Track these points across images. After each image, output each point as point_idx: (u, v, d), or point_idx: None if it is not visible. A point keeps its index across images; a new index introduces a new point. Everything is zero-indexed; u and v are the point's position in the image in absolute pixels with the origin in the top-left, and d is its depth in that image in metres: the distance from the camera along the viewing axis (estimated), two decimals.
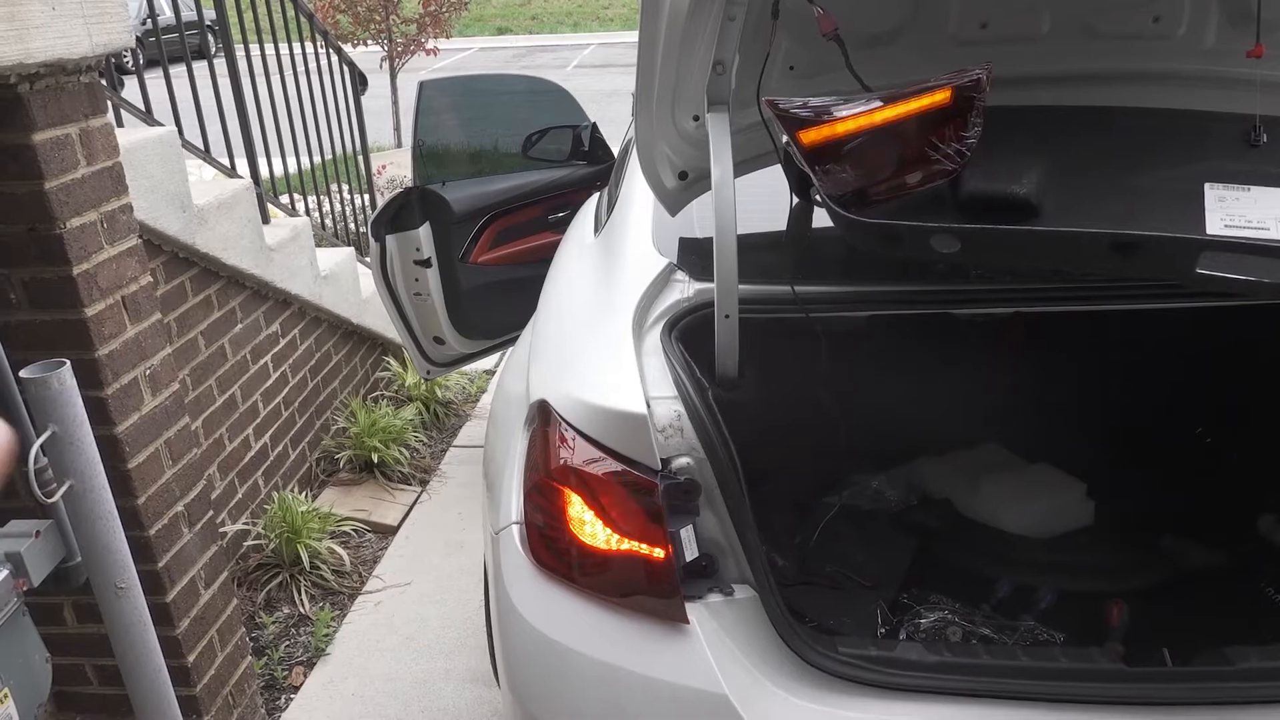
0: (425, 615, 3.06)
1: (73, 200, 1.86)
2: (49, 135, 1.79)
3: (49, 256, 1.84)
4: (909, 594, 1.90)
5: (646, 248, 1.91)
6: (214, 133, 3.43)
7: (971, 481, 2.23)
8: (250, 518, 3.30)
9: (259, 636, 2.95)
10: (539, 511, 1.54)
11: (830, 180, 1.41)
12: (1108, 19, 1.71)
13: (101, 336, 1.95)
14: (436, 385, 4.37)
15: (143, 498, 2.10)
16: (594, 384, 1.54)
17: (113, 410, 2.00)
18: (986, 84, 1.37)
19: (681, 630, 1.42)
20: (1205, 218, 1.30)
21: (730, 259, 1.57)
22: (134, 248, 2.05)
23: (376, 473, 3.82)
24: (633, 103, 1.70)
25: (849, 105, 1.38)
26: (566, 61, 19.19)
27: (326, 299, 3.81)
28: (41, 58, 1.69)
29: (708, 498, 1.48)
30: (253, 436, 3.34)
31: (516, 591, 1.56)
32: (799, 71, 1.79)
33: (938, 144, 1.37)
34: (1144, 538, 2.03)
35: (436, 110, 3.46)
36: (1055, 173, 1.45)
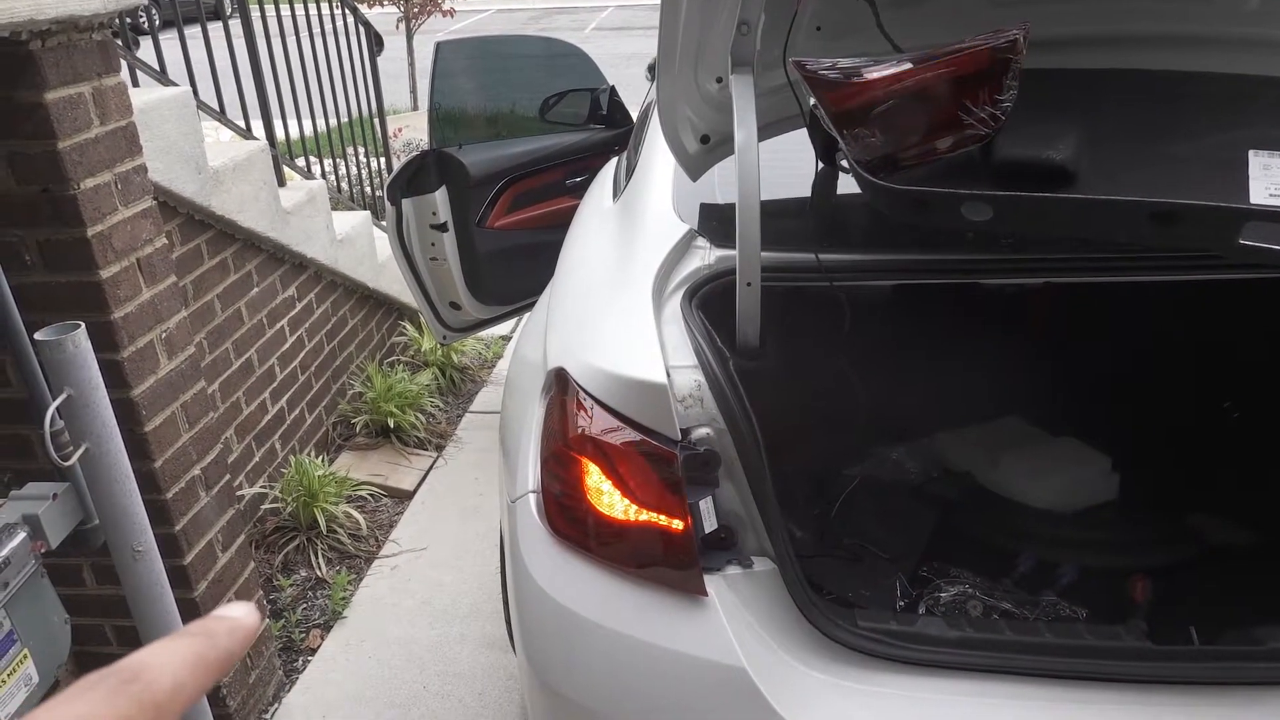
0: (441, 580, 3.07)
1: (86, 160, 1.84)
2: (62, 94, 1.77)
3: (63, 218, 1.83)
4: (929, 567, 1.87)
5: (666, 213, 1.87)
6: (230, 94, 3.40)
7: (994, 454, 2.20)
8: (267, 481, 3.31)
9: (276, 599, 2.97)
10: (556, 481, 1.52)
11: (859, 145, 1.37)
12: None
13: (117, 299, 1.94)
14: (453, 350, 4.36)
15: (160, 461, 2.10)
16: (613, 352, 1.51)
17: (129, 373, 1.99)
18: (1023, 45, 1.32)
19: (699, 602, 1.41)
20: (1249, 186, 1.25)
21: (753, 225, 1.53)
22: (149, 209, 2.03)
23: (393, 437, 3.82)
24: (655, 64, 1.65)
25: (880, 67, 1.33)
26: (584, 24, 18.95)
27: (342, 263, 3.79)
28: (53, 14, 1.66)
29: (727, 469, 1.46)
30: (269, 400, 3.34)
31: (533, 560, 1.55)
32: (826, 32, 1.73)
33: (971, 108, 1.32)
34: (1169, 513, 1.99)
35: (453, 72, 3.41)
36: (1092, 139, 1.40)
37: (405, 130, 7.85)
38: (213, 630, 0.44)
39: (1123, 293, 1.99)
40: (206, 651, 0.43)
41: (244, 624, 0.46)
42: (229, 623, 0.45)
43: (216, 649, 0.44)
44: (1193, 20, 1.67)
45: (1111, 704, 1.37)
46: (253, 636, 0.46)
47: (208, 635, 0.44)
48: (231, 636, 0.45)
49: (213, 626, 0.45)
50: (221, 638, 0.44)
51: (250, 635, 0.46)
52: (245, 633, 0.46)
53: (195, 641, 0.43)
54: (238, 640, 0.45)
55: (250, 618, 0.46)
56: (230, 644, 0.44)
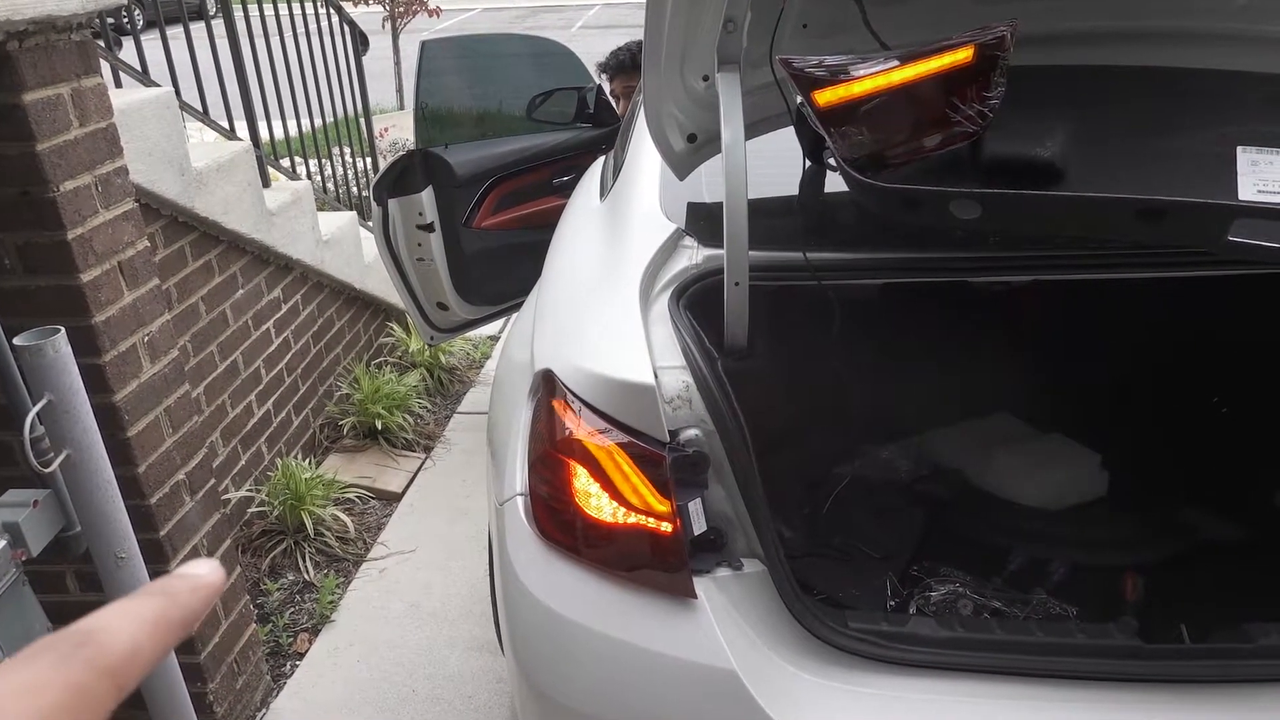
0: (430, 582, 3.05)
1: (66, 162, 1.81)
2: (40, 95, 1.74)
3: (43, 221, 1.80)
4: (919, 566, 1.87)
5: (653, 213, 1.86)
6: (214, 95, 3.37)
7: (984, 452, 2.20)
8: (254, 485, 3.28)
9: (263, 604, 2.94)
10: (544, 484, 1.51)
11: (846, 143, 1.36)
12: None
13: (98, 302, 1.92)
14: (440, 351, 4.34)
15: (143, 466, 2.08)
16: (600, 353, 1.50)
17: (111, 378, 1.97)
18: (1011, 41, 1.32)
19: (689, 605, 1.39)
20: (1237, 183, 1.25)
21: (741, 224, 1.52)
22: (130, 211, 2.01)
23: (380, 439, 3.79)
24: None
25: (866, 65, 1.32)
26: (571, 22, 18.92)
27: (328, 264, 3.77)
28: (30, 14, 1.64)
29: (716, 470, 1.45)
30: (255, 403, 3.32)
31: (521, 564, 1.53)
32: (812, 30, 1.72)
33: (959, 105, 1.32)
34: (1160, 510, 1.99)
35: (439, 71, 3.39)
36: (1080, 136, 1.40)
37: (391, 130, 7.81)
38: (173, 589, 0.41)
39: (1112, 289, 1.99)
40: (166, 610, 0.39)
41: (207, 580, 0.42)
42: (191, 580, 0.42)
43: (177, 607, 0.40)
44: (1180, 15, 1.67)
45: (1103, 703, 1.37)
46: (216, 594, 0.43)
47: (168, 594, 0.40)
48: (194, 595, 0.41)
49: (173, 585, 0.41)
50: (183, 595, 0.41)
51: (214, 592, 0.42)
52: (208, 590, 0.42)
53: (154, 601, 0.39)
54: (200, 598, 0.41)
55: (214, 575, 0.43)
56: (192, 602, 0.41)
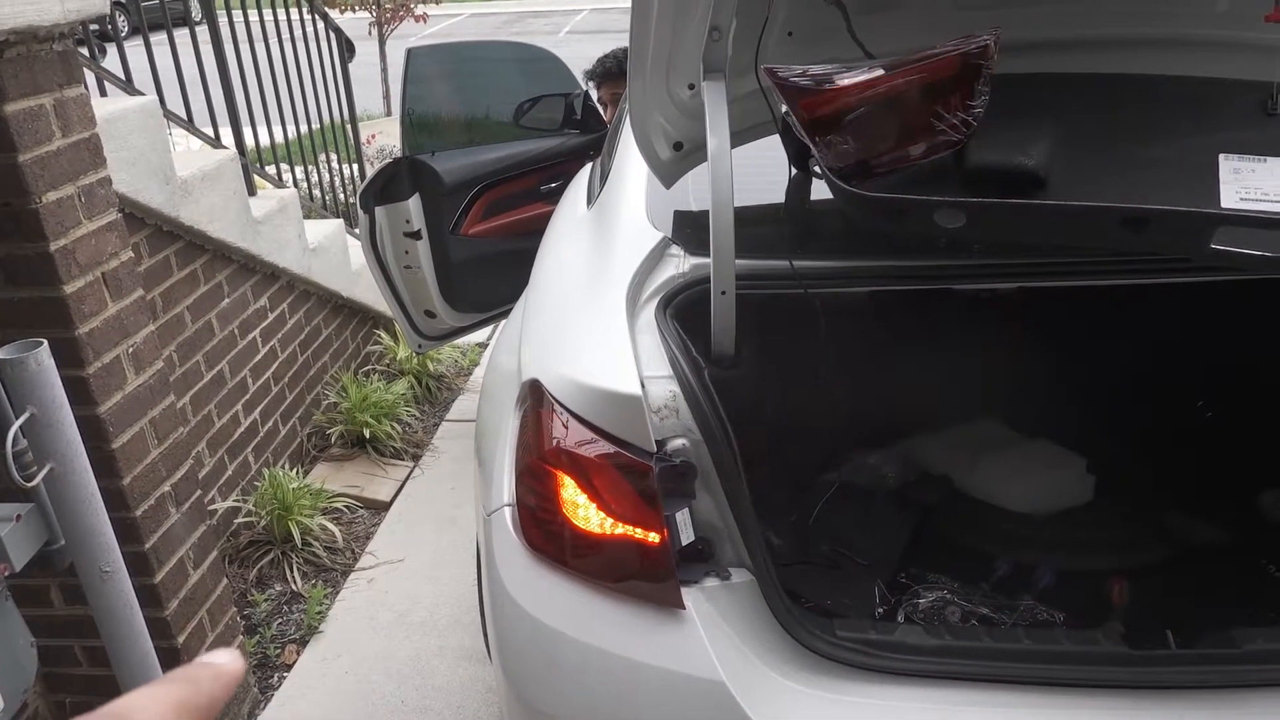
0: (419, 592, 3.04)
1: (48, 173, 1.80)
2: (22, 106, 1.73)
3: (25, 232, 1.79)
4: (907, 573, 1.87)
5: (640, 221, 1.86)
6: (199, 103, 3.35)
7: (971, 458, 2.20)
8: (240, 495, 3.26)
9: (251, 615, 2.92)
10: (531, 494, 1.50)
11: (831, 152, 1.36)
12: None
13: (81, 314, 1.90)
14: (428, 359, 4.32)
15: (128, 479, 2.06)
16: (587, 363, 1.50)
17: (94, 390, 1.95)
18: (994, 50, 1.32)
19: (677, 616, 1.39)
20: (1219, 190, 1.25)
21: (727, 233, 1.52)
22: (114, 222, 2.00)
23: (368, 448, 3.78)
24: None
25: (851, 74, 1.32)
26: (559, 27, 18.93)
27: (316, 272, 3.75)
28: (11, 24, 1.63)
29: (704, 480, 1.44)
30: (242, 412, 3.30)
31: (509, 575, 1.53)
32: (798, 37, 1.73)
33: (943, 114, 1.32)
34: (1145, 514, 2.00)
35: (425, 78, 3.38)
36: (1064, 143, 1.40)
37: (379, 136, 7.80)
38: (197, 676, 0.44)
39: (1098, 295, 2.00)
40: (190, 697, 0.43)
41: (228, 670, 0.46)
42: (213, 669, 0.45)
43: (200, 694, 0.43)
44: (1161, 23, 1.68)
45: (1091, 709, 1.37)
46: (236, 682, 0.46)
47: (191, 681, 0.44)
48: (216, 682, 0.45)
49: (197, 672, 0.45)
50: (205, 683, 0.44)
51: (234, 681, 0.46)
52: (229, 678, 0.45)
53: (178, 688, 0.43)
54: (222, 685, 0.45)
55: (235, 664, 0.46)
56: (214, 689, 0.44)
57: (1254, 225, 1.19)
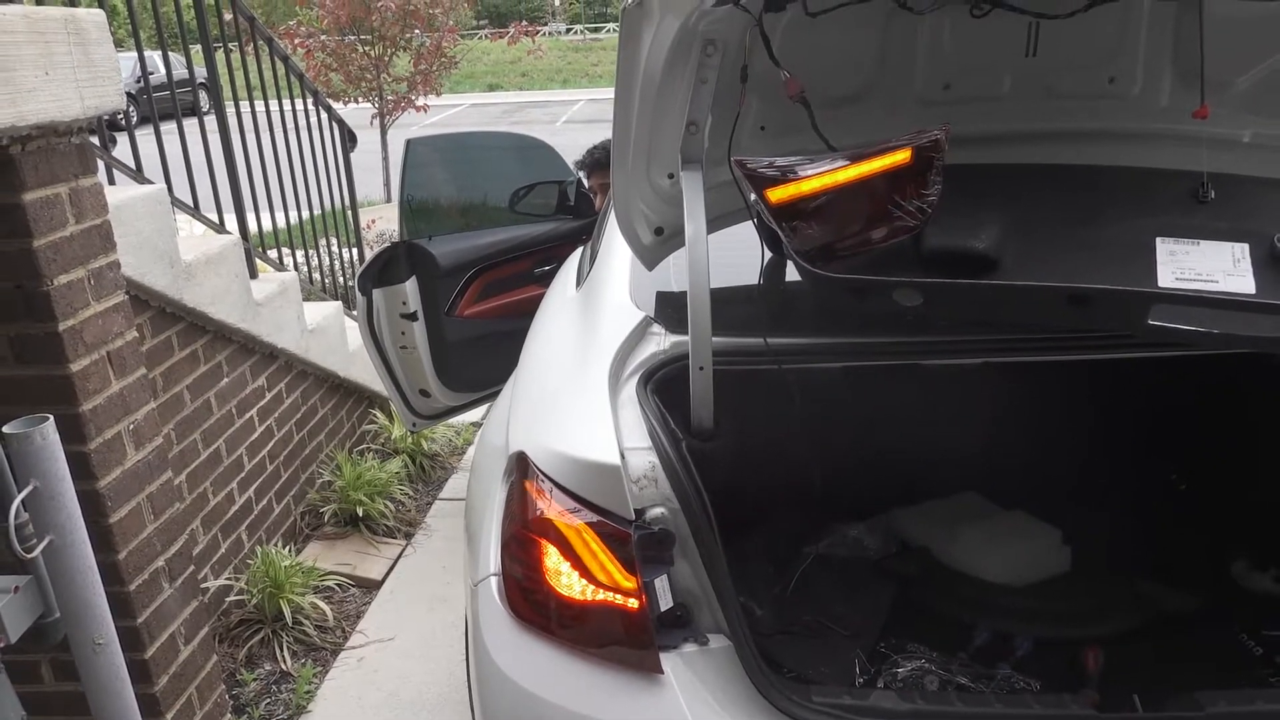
0: (408, 671, 3.03)
1: (61, 258, 1.89)
2: (39, 195, 1.83)
3: (35, 313, 1.87)
4: (887, 643, 1.90)
5: (624, 301, 1.95)
6: (205, 189, 3.49)
7: (950, 529, 2.25)
8: (233, 573, 3.28)
9: (239, 694, 2.92)
10: (516, 563, 1.55)
11: (797, 236, 1.46)
12: (1066, 79, 1.78)
13: (86, 392, 1.97)
14: (422, 438, 4.38)
15: (123, 553, 2.10)
16: (570, 436, 1.56)
17: (95, 465, 2.01)
18: (945, 143, 1.43)
19: (656, 681, 1.43)
20: (1157, 270, 1.34)
21: (704, 312, 1.61)
22: (120, 304, 2.08)
23: (362, 526, 3.80)
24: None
25: (814, 165, 1.43)
26: (556, 117, 19.49)
27: (313, 352, 3.83)
28: (34, 120, 1.74)
29: (682, 547, 1.50)
30: (237, 490, 3.34)
31: (494, 643, 1.56)
32: (770, 131, 1.84)
33: (900, 201, 1.42)
34: (1120, 583, 2.04)
35: (423, 166, 3.53)
36: (1014, 228, 1.50)
37: (379, 222, 7.99)
38: None
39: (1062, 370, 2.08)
40: None
41: None
42: None
43: None
44: (1108, 117, 1.80)
45: None
46: None
47: None
48: None
49: None
50: None
51: None
52: None
53: None
54: None
55: None
56: None
57: (1188, 303, 1.27)
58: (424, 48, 9.01)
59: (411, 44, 8.88)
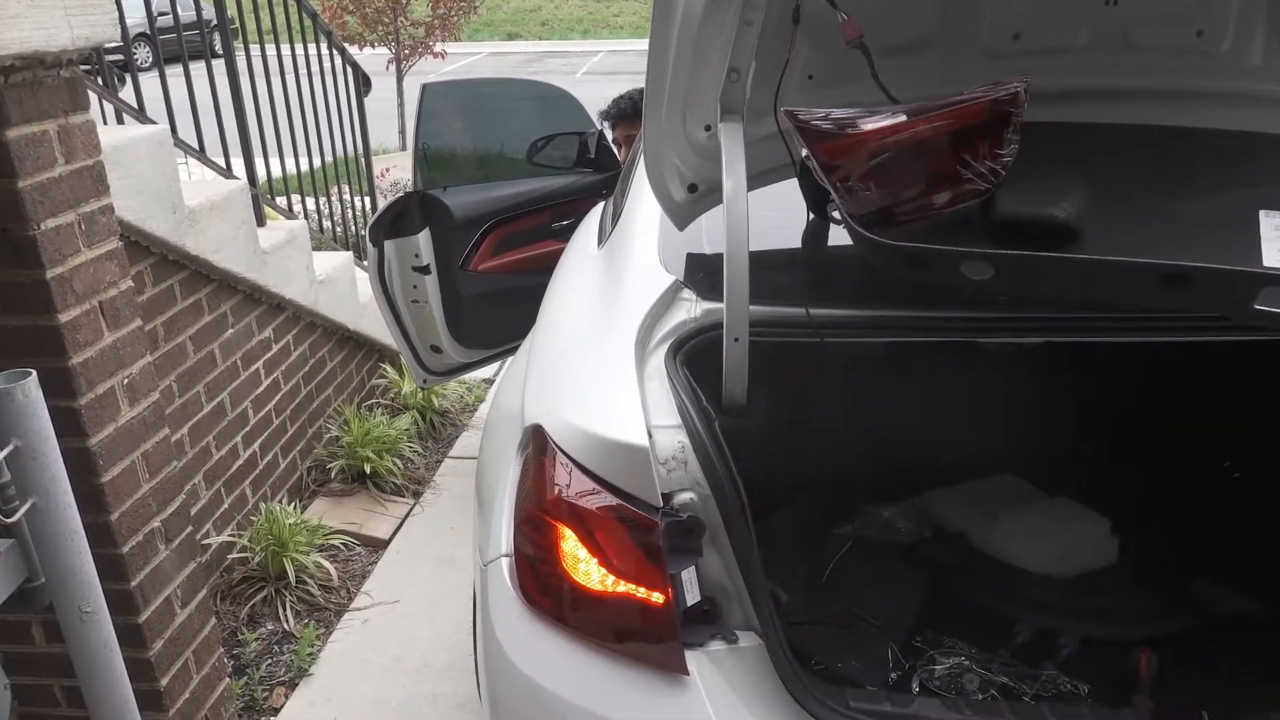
0: (414, 634, 2.95)
1: (49, 200, 1.76)
2: (24, 132, 1.69)
3: (21, 259, 1.75)
4: (922, 637, 1.79)
5: (652, 263, 1.81)
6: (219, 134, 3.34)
7: (989, 515, 2.12)
8: (236, 529, 3.19)
9: (240, 654, 2.84)
10: (530, 545, 1.44)
11: (853, 198, 1.31)
12: (1149, 32, 1.61)
13: (76, 344, 1.85)
14: (433, 394, 4.27)
15: (116, 514, 2.00)
16: (592, 410, 1.43)
17: (86, 421, 1.90)
18: (1025, 98, 1.27)
19: (680, 681, 1.32)
20: (1261, 248, 1.20)
21: (742, 278, 1.47)
22: (114, 250, 1.95)
23: (369, 483, 3.71)
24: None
25: (875, 119, 1.28)
26: (576, 68, 19.14)
27: (322, 304, 3.71)
28: (16, 49, 1.59)
29: (712, 536, 1.38)
30: (241, 445, 3.24)
31: (504, 630, 1.45)
32: (818, 81, 1.69)
33: (970, 161, 1.27)
34: (1171, 580, 1.92)
35: (439, 114, 3.37)
36: (1096, 195, 1.35)
37: (393, 170, 7.83)
38: None
39: (1123, 352, 1.93)
40: None
41: None
42: None
43: None
44: (1194, 74, 1.63)
45: None
46: None
47: None
48: None
49: None
50: None
51: None
52: None
53: None
54: None
55: None
56: None
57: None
58: None
59: None
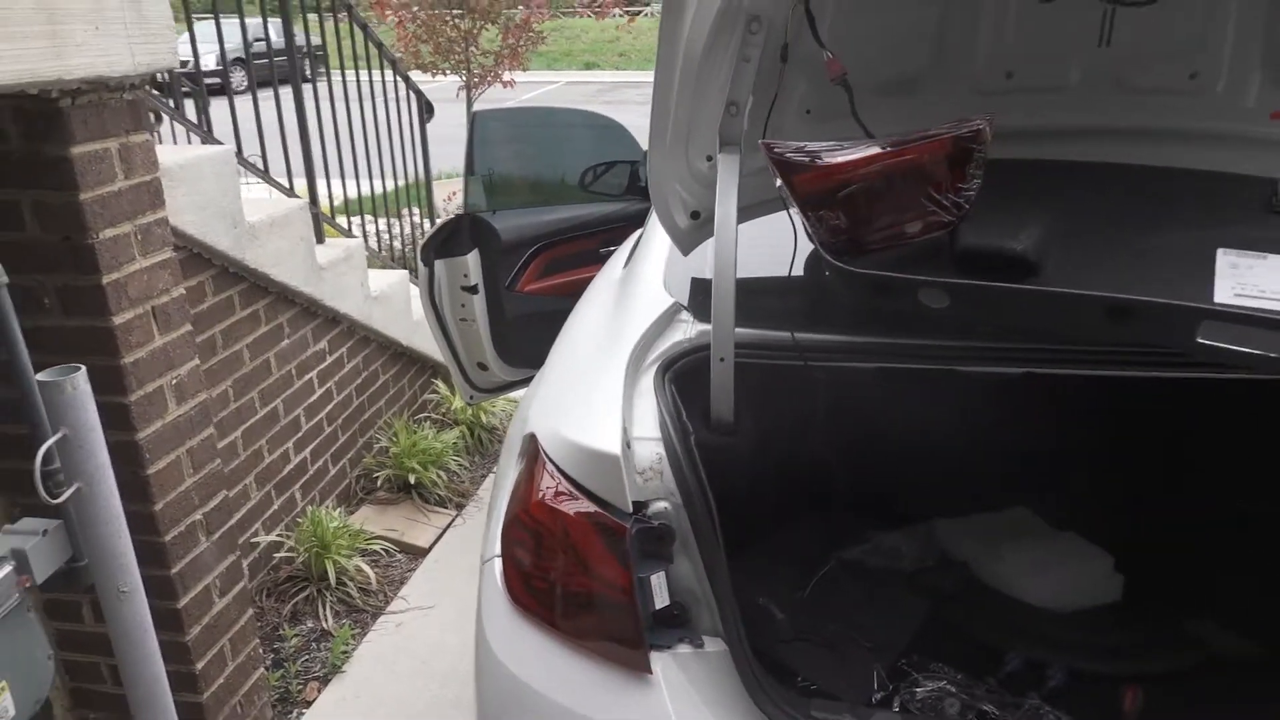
0: (445, 641, 3.06)
1: (108, 212, 1.93)
2: (88, 149, 1.87)
3: (80, 265, 1.92)
4: (909, 660, 1.81)
5: (657, 287, 1.89)
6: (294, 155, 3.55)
7: (994, 546, 2.13)
8: (284, 530, 3.36)
9: (280, 649, 2.99)
10: (516, 545, 1.52)
11: (824, 227, 1.37)
12: (1142, 72, 1.64)
13: (128, 344, 2.02)
14: (482, 410, 4.40)
15: (160, 504, 2.15)
16: (578, 421, 1.52)
17: (135, 417, 2.06)
18: (988, 134, 1.32)
19: (645, 680, 1.38)
20: (1215, 284, 1.22)
21: (728, 301, 1.54)
22: (167, 260, 2.12)
23: (414, 494, 3.85)
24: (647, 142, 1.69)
25: (844, 151, 1.34)
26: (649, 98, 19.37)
27: (376, 319, 3.89)
28: (81, 74, 1.77)
29: (684, 545, 1.44)
30: (292, 450, 3.41)
31: (491, 627, 1.54)
32: (816, 115, 1.75)
33: (935, 195, 1.32)
34: (1171, 620, 1.90)
35: (490, 140, 3.51)
36: (1062, 230, 1.39)
37: (458, 194, 8.06)
38: None
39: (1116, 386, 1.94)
40: None
41: None
42: None
43: None
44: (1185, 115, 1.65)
45: None
46: None
47: None
48: None
49: None
50: None
51: None
52: None
53: None
54: None
55: None
56: None
57: (1249, 323, 1.15)
58: (512, 22, 9.02)
59: (500, 18, 8.89)
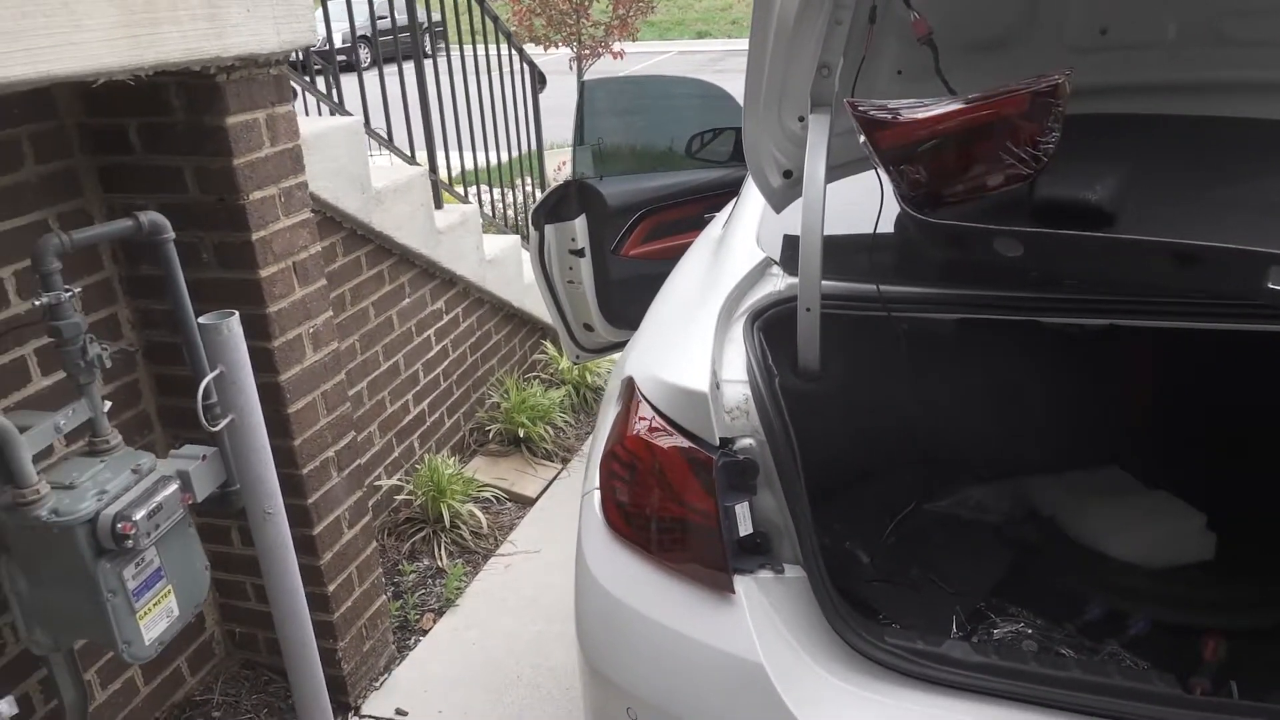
0: (550, 581, 3.25)
1: (256, 175, 2.15)
2: (240, 119, 2.09)
3: (234, 223, 2.15)
4: (988, 603, 1.88)
5: (751, 243, 1.99)
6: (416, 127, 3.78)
7: (1082, 502, 2.16)
8: (404, 476, 3.61)
9: (399, 582, 3.24)
10: (613, 477, 1.66)
11: (906, 181, 1.45)
12: (1241, 24, 1.63)
13: (273, 295, 2.25)
14: (588, 370, 4.58)
15: (299, 440, 2.39)
16: (672, 364, 1.64)
17: (278, 360, 2.29)
18: (1066, 88, 1.37)
19: (729, 600, 1.50)
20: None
21: (815, 253, 1.63)
22: (306, 220, 2.34)
23: (523, 447, 4.07)
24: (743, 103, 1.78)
25: (925, 108, 1.41)
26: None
27: (490, 281, 4.10)
28: (236, 52, 1.98)
29: (766, 478, 1.55)
30: (412, 402, 3.66)
31: (590, 551, 1.69)
32: (907, 75, 1.81)
33: (1013, 148, 1.38)
34: (1260, 577, 1.90)
35: (597, 109, 3.65)
36: (1140, 182, 1.42)
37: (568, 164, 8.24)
38: None
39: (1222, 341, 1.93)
40: None
41: None
42: None
43: None
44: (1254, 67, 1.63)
45: None
46: None
47: None
48: None
49: None
50: None
51: None
52: None
53: None
54: None
55: None
56: None
57: None
58: None
59: None
